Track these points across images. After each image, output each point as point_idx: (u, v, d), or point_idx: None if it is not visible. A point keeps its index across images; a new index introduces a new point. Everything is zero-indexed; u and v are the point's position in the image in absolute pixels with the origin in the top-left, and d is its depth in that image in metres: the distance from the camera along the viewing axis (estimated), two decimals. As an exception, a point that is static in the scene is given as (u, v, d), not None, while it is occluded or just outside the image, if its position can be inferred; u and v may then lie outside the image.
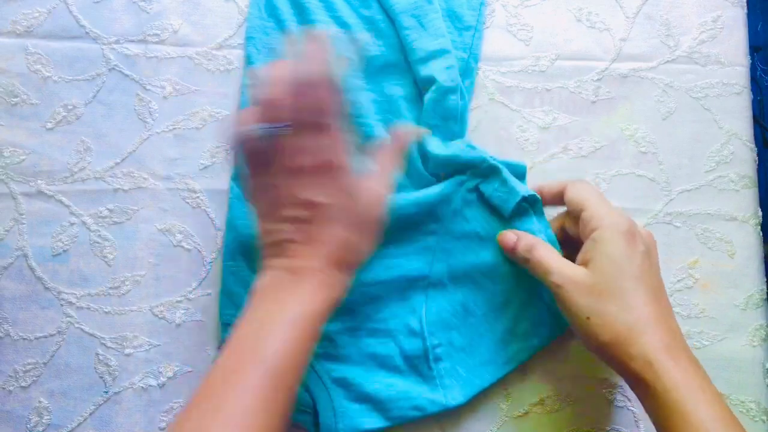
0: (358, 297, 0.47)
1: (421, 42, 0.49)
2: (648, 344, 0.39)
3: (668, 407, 0.38)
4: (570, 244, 0.46)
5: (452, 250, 0.48)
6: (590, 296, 0.41)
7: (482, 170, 0.47)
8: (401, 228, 0.47)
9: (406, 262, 0.48)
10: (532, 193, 0.46)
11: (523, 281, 0.47)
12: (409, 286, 0.48)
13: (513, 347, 0.47)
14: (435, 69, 0.48)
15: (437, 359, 0.47)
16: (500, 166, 0.47)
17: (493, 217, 0.48)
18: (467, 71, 0.51)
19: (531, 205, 0.47)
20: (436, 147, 0.47)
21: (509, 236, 0.46)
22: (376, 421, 0.46)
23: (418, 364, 0.47)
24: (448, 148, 0.47)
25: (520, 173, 0.48)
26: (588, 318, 0.40)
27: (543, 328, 0.47)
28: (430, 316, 0.47)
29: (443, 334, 0.47)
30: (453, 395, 0.46)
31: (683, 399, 0.38)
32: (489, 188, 0.47)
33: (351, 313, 0.47)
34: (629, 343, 0.39)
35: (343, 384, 0.46)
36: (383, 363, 0.47)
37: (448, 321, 0.47)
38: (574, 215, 0.45)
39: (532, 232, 0.46)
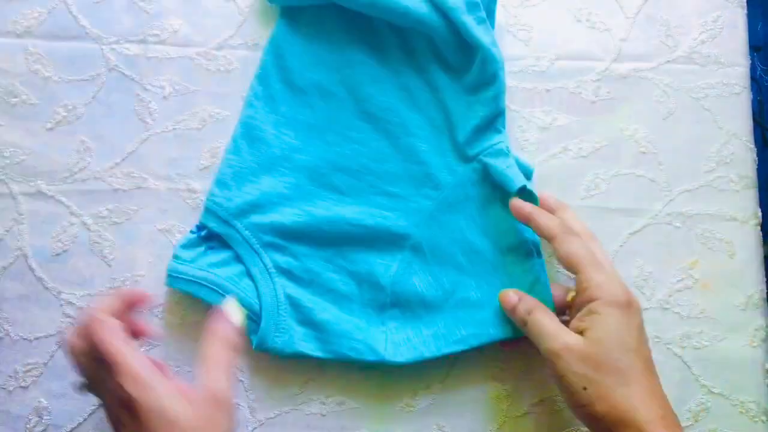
0: (337, 231, 0.48)
1: None
2: (645, 417, 0.39)
3: None
4: None
5: (442, 222, 0.49)
6: (587, 366, 0.40)
7: (493, 151, 0.48)
8: (400, 177, 0.49)
9: (394, 216, 0.49)
10: (531, 190, 0.47)
11: (499, 275, 0.48)
12: (390, 240, 0.49)
13: (469, 330, 0.47)
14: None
15: (392, 319, 0.48)
16: (509, 153, 0.48)
17: (492, 204, 0.49)
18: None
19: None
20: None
21: (511, 296, 0.46)
22: (313, 348, 0.47)
23: (372, 316, 0.48)
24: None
25: (527, 174, 0.49)
26: (585, 388, 0.40)
27: (505, 323, 0.47)
28: (400, 277, 0.48)
29: (406, 298, 0.48)
30: (395, 353, 0.47)
31: None
32: (498, 167, 0.47)
33: (325, 243, 0.48)
34: (626, 416, 0.39)
35: (295, 304, 0.47)
36: (339, 302, 0.48)
37: (415, 288, 0.48)
38: (568, 269, 0.44)
39: (524, 235, 0.48)
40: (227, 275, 0.47)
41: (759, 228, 0.52)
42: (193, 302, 0.48)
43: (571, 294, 0.45)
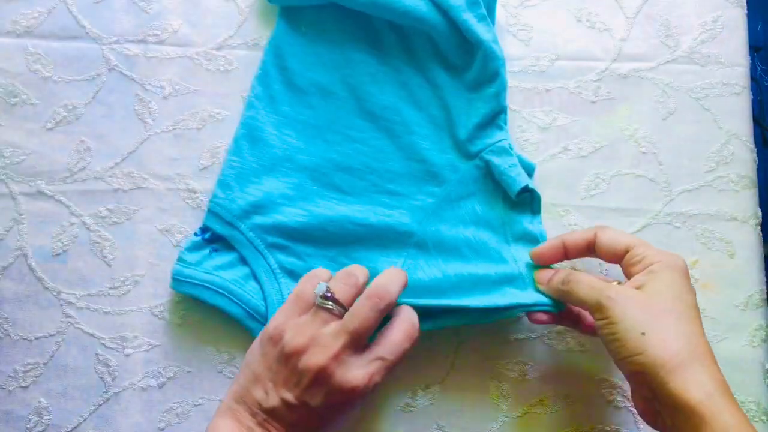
0: (340, 231, 0.48)
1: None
2: (709, 375, 0.37)
3: None
4: None
5: (446, 218, 0.49)
6: (647, 311, 0.39)
7: (495, 149, 0.48)
8: (402, 175, 0.50)
9: (398, 215, 0.49)
10: (534, 188, 0.48)
11: (505, 264, 0.48)
12: (394, 238, 0.49)
13: (473, 301, 0.46)
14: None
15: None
16: (512, 150, 0.49)
17: (495, 200, 0.49)
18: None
19: (531, 200, 0.49)
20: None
21: (546, 271, 0.46)
22: None
23: None
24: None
25: (528, 170, 0.49)
26: (643, 333, 0.38)
27: (509, 298, 0.46)
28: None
29: (412, 292, 0.46)
30: None
31: None
32: (501, 165, 0.48)
33: (329, 243, 0.49)
34: (688, 369, 0.37)
35: None
36: None
37: (420, 281, 0.48)
38: (612, 258, 0.44)
39: (526, 226, 0.48)
40: (233, 278, 0.47)
41: (759, 228, 0.52)
42: (193, 302, 0.48)
43: (615, 283, 0.43)
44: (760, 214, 0.52)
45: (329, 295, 0.42)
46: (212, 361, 0.48)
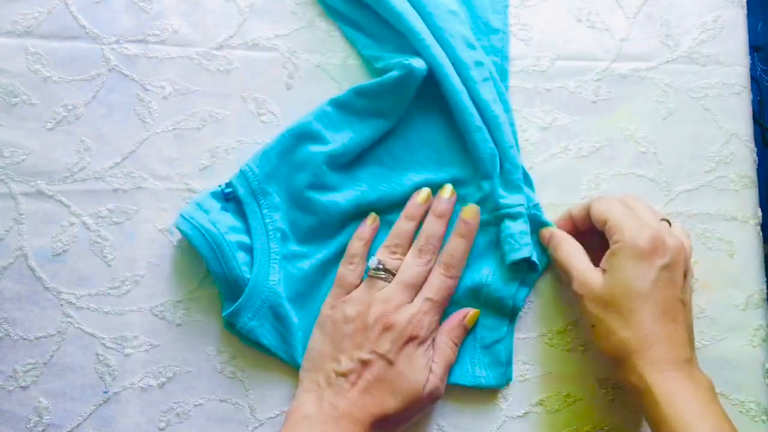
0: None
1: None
2: (643, 361, 0.41)
3: (664, 421, 0.39)
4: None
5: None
6: (598, 306, 0.43)
7: (512, 213, 0.48)
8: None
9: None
10: (536, 262, 0.48)
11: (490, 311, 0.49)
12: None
13: None
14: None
15: None
16: (526, 220, 0.48)
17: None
18: (502, 74, 0.52)
19: (526, 271, 0.49)
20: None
21: (544, 233, 0.49)
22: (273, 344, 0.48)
23: None
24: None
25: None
26: (592, 326, 0.43)
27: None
28: None
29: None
30: None
31: (677, 414, 0.39)
32: (507, 231, 0.47)
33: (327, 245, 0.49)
34: (625, 358, 0.42)
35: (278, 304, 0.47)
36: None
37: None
38: (601, 229, 0.46)
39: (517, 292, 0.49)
40: (235, 240, 0.47)
41: (759, 228, 0.52)
42: (193, 302, 0.48)
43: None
44: (760, 214, 0.52)
45: (381, 266, 0.46)
46: (212, 361, 0.48)
